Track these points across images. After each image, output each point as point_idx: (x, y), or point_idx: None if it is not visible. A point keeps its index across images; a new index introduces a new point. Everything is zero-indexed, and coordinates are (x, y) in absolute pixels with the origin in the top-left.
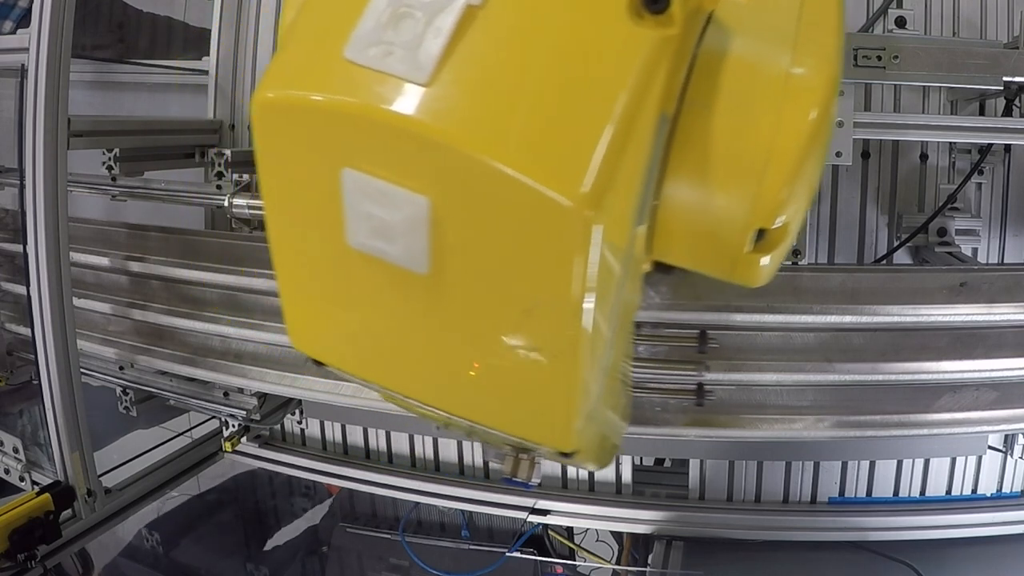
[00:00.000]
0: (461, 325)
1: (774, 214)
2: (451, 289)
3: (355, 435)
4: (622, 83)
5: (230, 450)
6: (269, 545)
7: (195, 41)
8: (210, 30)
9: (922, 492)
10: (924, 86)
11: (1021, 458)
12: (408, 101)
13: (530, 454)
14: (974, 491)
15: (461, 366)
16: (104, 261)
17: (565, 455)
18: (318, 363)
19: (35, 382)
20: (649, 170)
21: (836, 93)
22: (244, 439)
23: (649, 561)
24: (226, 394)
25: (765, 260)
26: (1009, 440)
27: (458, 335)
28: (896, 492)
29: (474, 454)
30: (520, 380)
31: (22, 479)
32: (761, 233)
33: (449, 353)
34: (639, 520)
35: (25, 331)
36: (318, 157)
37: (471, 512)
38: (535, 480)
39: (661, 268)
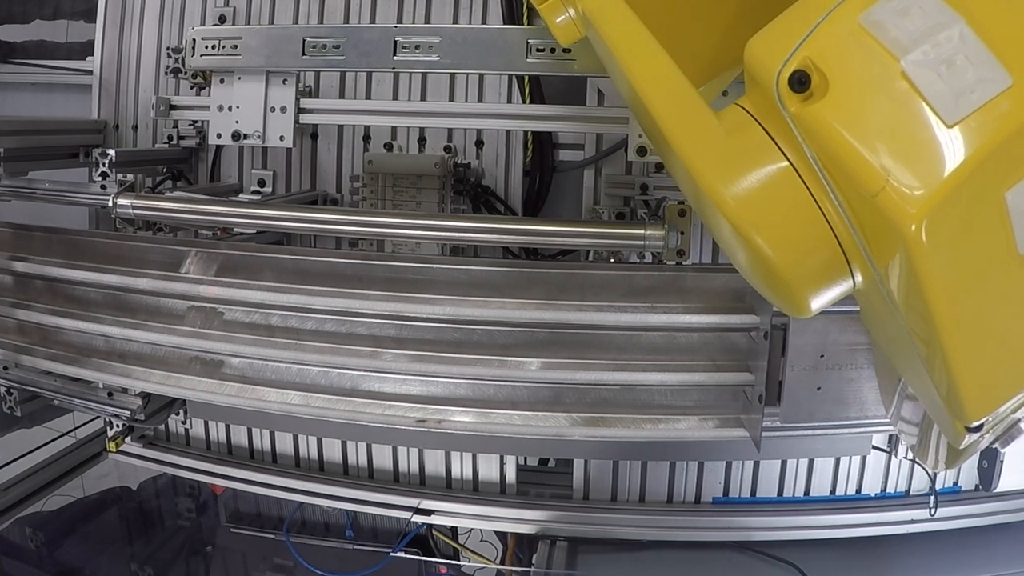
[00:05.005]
0: None
1: None
2: None
3: (239, 435)
4: None
5: (114, 450)
6: (153, 545)
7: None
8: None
9: (806, 492)
10: None
11: (905, 458)
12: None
13: None
14: (858, 491)
15: None
16: None
17: None
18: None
19: None
20: None
21: None
22: (128, 439)
23: (533, 561)
24: (110, 394)
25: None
26: (893, 440)
27: None
28: (780, 492)
29: (358, 454)
30: None
31: None
32: None
33: None
34: (523, 520)
35: None
36: (975, 209)
37: (355, 512)
38: None
39: None
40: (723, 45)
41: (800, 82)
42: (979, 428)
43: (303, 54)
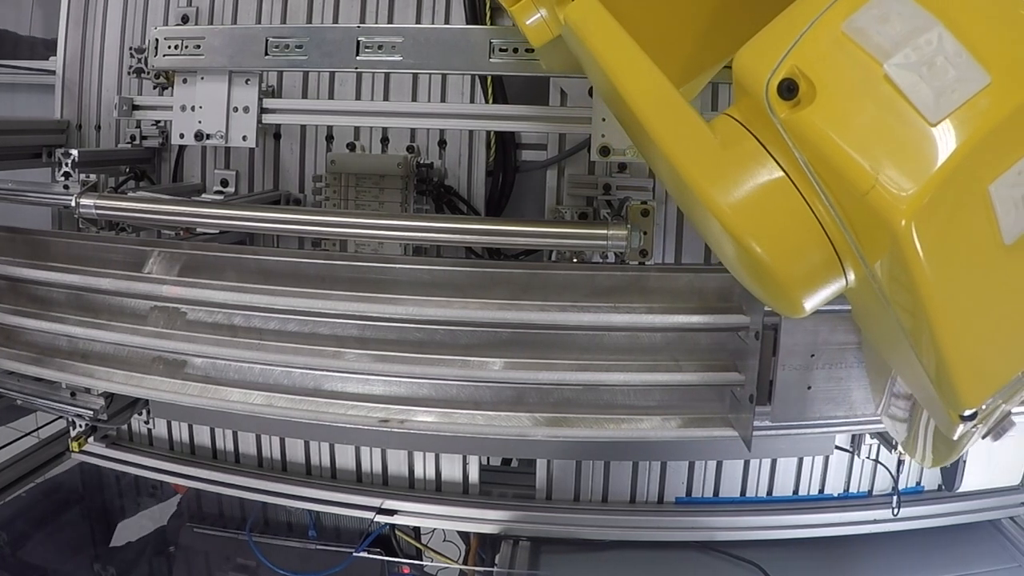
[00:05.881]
0: None
1: None
2: None
3: (202, 435)
4: None
5: (77, 450)
6: (116, 545)
7: (41, 49)
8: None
9: (769, 492)
10: None
11: (868, 458)
12: (1009, 86)
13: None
14: (821, 491)
15: None
16: None
17: None
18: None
19: None
20: None
21: None
22: (91, 439)
23: (496, 561)
24: (73, 394)
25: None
26: (856, 440)
27: None
28: (743, 492)
29: (321, 455)
30: None
31: None
32: None
33: None
34: (486, 520)
35: None
36: (961, 202)
37: (318, 512)
38: None
39: None
40: (701, 48)
41: (789, 90)
42: (973, 417)
43: (266, 54)
